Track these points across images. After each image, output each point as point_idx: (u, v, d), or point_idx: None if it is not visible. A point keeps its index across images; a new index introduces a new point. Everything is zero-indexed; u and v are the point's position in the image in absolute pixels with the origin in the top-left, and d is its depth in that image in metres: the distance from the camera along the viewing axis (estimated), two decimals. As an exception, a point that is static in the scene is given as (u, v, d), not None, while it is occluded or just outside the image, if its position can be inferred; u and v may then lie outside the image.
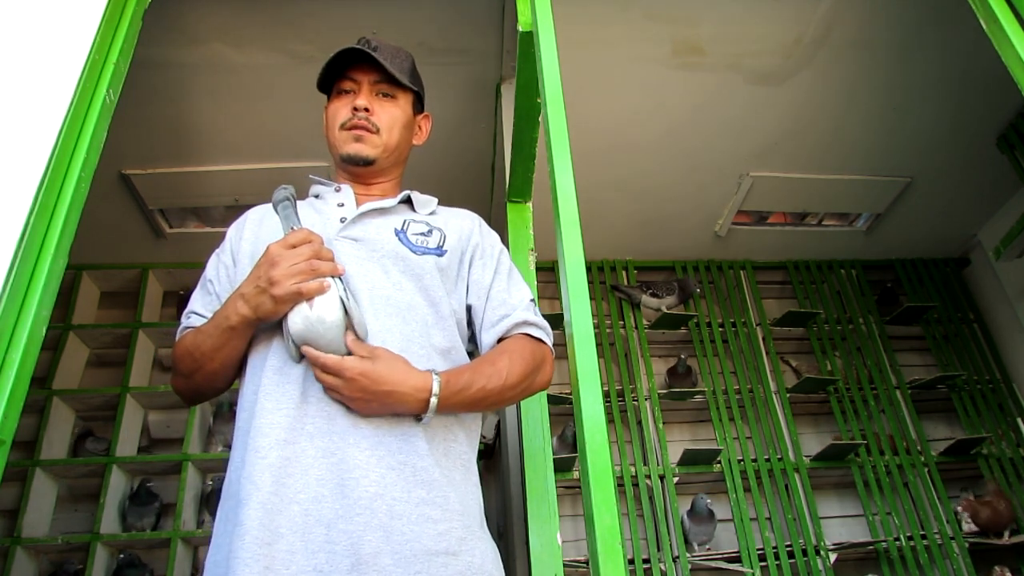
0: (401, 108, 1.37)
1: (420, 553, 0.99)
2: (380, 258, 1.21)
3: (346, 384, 1.04)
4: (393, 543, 0.98)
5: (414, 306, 1.18)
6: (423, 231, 1.28)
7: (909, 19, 2.40)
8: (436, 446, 1.09)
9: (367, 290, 1.16)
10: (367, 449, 1.03)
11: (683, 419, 3.24)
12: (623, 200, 3.10)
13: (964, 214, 3.37)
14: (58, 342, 2.98)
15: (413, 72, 1.42)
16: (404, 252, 1.22)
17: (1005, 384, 3.32)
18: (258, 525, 0.97)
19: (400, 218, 1.29)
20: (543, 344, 1.25)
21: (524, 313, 1.24)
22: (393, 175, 1.39)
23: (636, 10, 2.30)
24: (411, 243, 1.24)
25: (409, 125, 1.39)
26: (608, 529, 0.88)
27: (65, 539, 2.65)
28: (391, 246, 1.22)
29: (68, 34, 1.35)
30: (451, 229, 1.31)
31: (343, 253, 1.19)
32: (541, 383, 1.23)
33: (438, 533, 1.01)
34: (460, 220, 1.35)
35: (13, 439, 1.03)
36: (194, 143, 2.67)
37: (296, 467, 1.02)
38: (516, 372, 1.16)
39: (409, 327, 1.15)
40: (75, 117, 1.27)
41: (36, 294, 1.10)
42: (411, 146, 1.43)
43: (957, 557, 2.85)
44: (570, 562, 2.65)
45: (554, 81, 1.30)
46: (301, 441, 1.04)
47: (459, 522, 1.04)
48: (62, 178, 1.22)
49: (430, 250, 1.25)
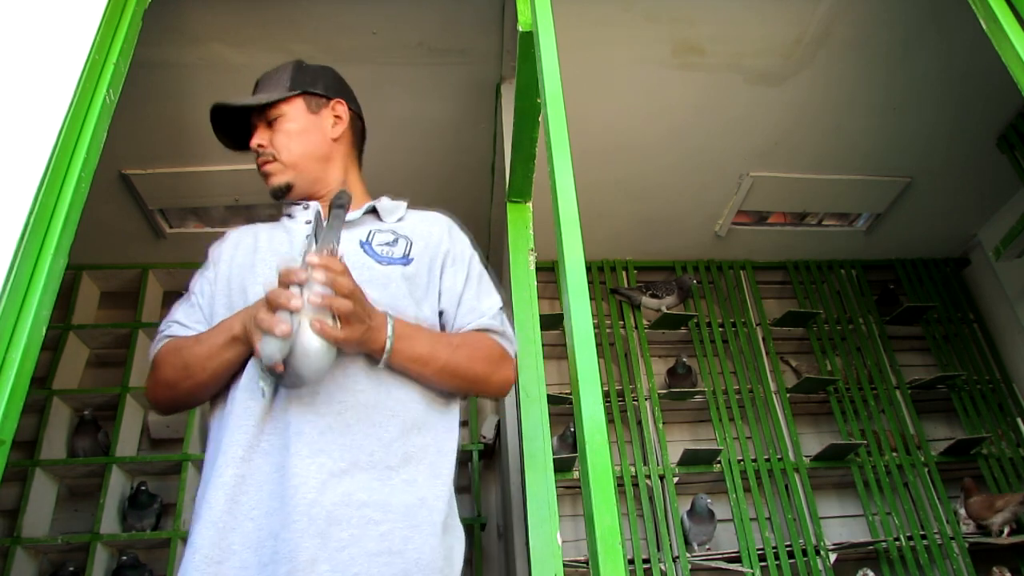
0: (291, 119, 1.34)
1: (359, 556, 0.99)
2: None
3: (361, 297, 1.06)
4: (330, 549, 0.98)
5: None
6: (388, 240, 1.27)
7: (909, 19, 2.40)
8: (388, 453, 1.08)
9: None
10: (307, 457, 1.03)
11: (683, 419, 3.24)
12: (623, 200, 3.10)
13: (964, 214, 3.37)
14: (58, 342, 2.98)
15: (295, 76, 1.38)
16: (369, 263, 1.22)
17: (1005, 384, 3.32)
18: (209, 544, 0.99)
19: (366, 229, 1.29)
20: (505, 348, 1.26)
21: (491, 321, 1.26)
22: (331, 182, 1.35)
23: (636, 10, 2.30)
24: (376, 254, 1.24)
25: (307, 129, 1.34)
26: (608, 529, 0.88)
27: (65, 539, 2.65)
28: (356, 259, 1.21)
29: (68, 34, 1.34)
30: (419, 235, 1.30)
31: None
32: (499, 382, 1.23)
33: (380, 534, 1.01)
34: (429, 225, 1.33)
35: (13, 439, 1.03)
36: (194, 143, 2.67)
37: (251, 484, 1.04)
38: (466, 355, 1.18)
39: None
40: (75, 117, 1.27)
41: (36, 294, 1.10)
42: (330, 141, 1.36)
43: (957, 557, 2.85)
44: (570, 562, 2.65)
45: (554, 81, 1.30)
46: (256, 458, 1.05)
47: (404, 521, 1.04)
48: (62, 178, 1.22)
49: (395, 260, 1.24)
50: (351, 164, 1.40)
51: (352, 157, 1.41)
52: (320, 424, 1.06)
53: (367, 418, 1.09)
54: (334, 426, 1.06)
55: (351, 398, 1.10)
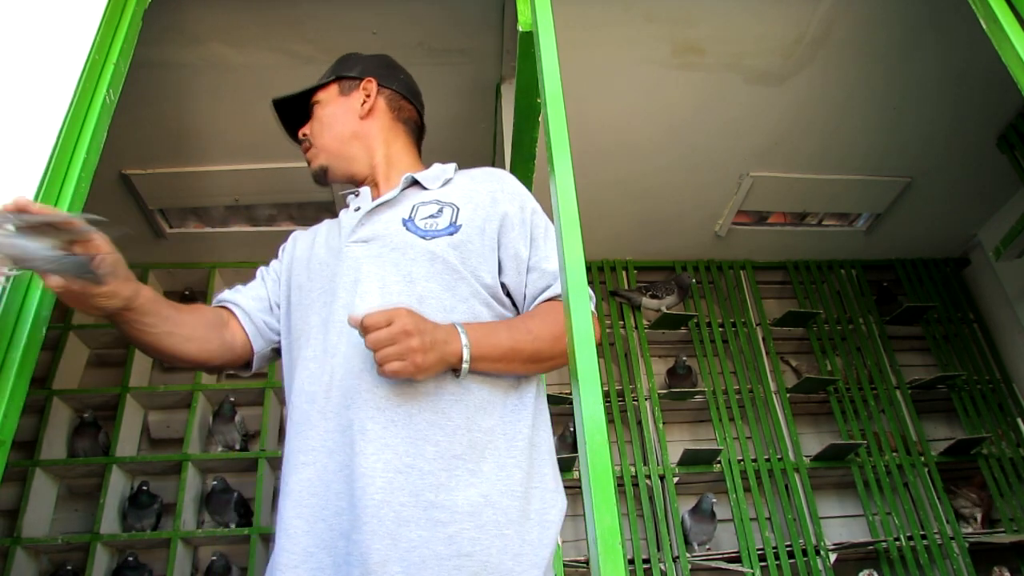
0: (325, 104, 1.38)
1: (430, 558, 0.97)
2: (390, 252, 1.17)
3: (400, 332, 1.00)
4: (400, 550, 0.97)
5: (427, 296, 1.13)
6: (432, 212, 1.22)
7: (909, 19, 2.40)
8: (453, 441, 1.05)
9: (379, 289, 1.14)
10: (372, 455, 1.02)
11: (683, 419, 3.24)
12: (623, 200, 3.10)
13: (964, 214, 3.37)
14: (58, 342, 2.98)
15: (336, 65, 1.45)
16: (412, 240, 1.17)
17: (1005, 384, 3.32)
18: (287, 549, 1.02)
19: (409, 204, 1.24)
20: None
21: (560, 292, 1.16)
22: (370, 159, 1.34)
23: (636, 10, 2.30)
24: (419, 229, 1.19)
25: (337, 112, 1.37)
26: (608, 529, 0.88)
27: (65, 539, 2.65)
28: (400, 238, 1.18)
29: (68, 34, 1.35)
30: (467, 199, 1.24)
31: (353, 258, 1.18)
32: None
33: (448, 536, 0.99)
34: (479, 184, 1.27)
35: (13, 439, 1.03)
36: (194, 143, 2.67)
37: (318, 485, 1.04)
38: (548, 332, 1.12)
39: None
40: (75, 117, 1.27)
41: (36, 293, 1.10)
42: (358, 120, 1.36)
43: (957, 557, 2.85)
44: (570, 562, 2.65)
45: (554, 81, 1.30)
46: (321, 459, 1.05)
47: (470, 522, 1.00)
48: (62, 178, 1.22)
49: (440, 232, 1.18)
50: (393, 138, 1.37)
51: (394, 131, 1.38)
52: (382, 419, 1.04)
53: (430, 406, 1.06)
54: (396, 420, 1.04)
55: (411, 387, 1.06)
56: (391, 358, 1.00)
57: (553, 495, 1.10)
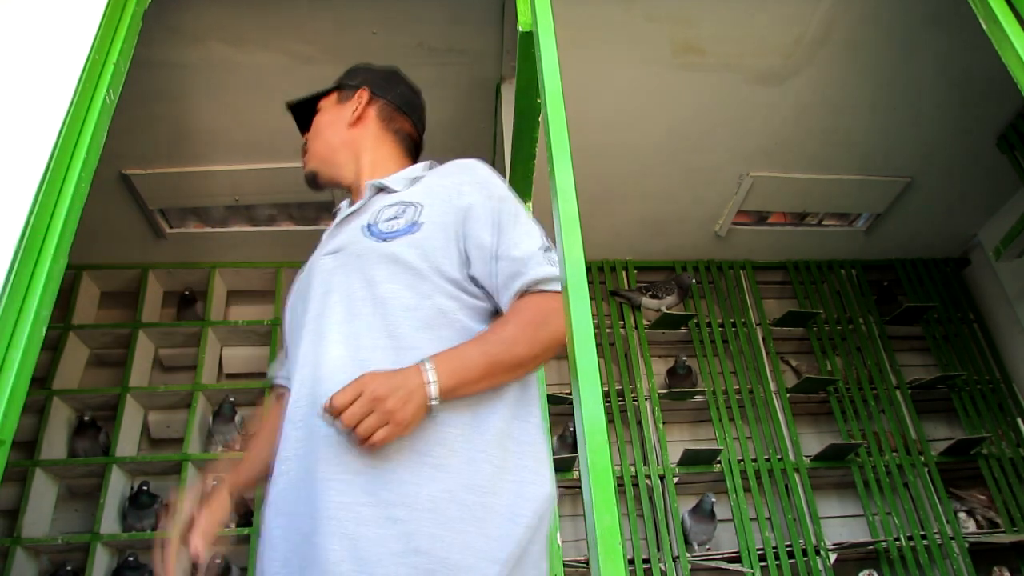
0: (322, 112, 1.43)
1: (384, 556, 0.97)
2: (355, 260, 1.19)
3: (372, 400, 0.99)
4: (357, 549, 0.97)
5: (389, 297, 1.13)
6: (394, 214, 1.22)
7: (909, 19, 2.40)
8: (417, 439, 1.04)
9: (344, 300, 1.15)
10: (332, 458, 1.02)
11: (683, 419, 3.24)
12: (623, 200, 3.10)
13: (964, 214, 3.37)
14: (58, 342, 2.98)
15: (342, 75, 1.48)
16: (372, 244, 1.18)
17: (1005, 384, 3.32)
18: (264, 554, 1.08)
19: (375, 209, 1.25)
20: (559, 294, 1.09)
21: (535, 269, 1.14)
22: (351, 171, 1.37)
23: (636, 10, 2.30)
24: (380, 232, 1.20)
25: (331, 120, 1.41)
26: (608, 529, 0.88)
27: (65, 539, 2.65)
28: (362, 244, 1.19)
29: (68, 34, 1.34)
30: (433, 196, 1.24)
31: (323, 271, 1.21)
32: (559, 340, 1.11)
33: (404, 533, 0.98)
34: (446, 180, 1.27)
35: (13, 439, 1.03)
36: (194, 143, 2.67)
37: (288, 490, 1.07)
38: (524, 335, 1.09)
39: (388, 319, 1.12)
40: (75, 117, 1.27)
41: (36, 294, 1.10)
42: (348, 128, 1.39)
43: (957, 557, 2.85)
44: (570, 562, 2.65)
45: (554, 81, 1.30)
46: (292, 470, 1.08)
47: (429, 518, 0.99)
48: (62, 178, 1.22)
49: (399, 232, 1.18)
50: (379, 146, 1.39)
51: (382, 140, 1.40)
52: None
53: None
54: None
55: None
56: (373, 428, 0.98)
57: (532, 488, 1.08)
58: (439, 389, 1.02)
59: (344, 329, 1.13)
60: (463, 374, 1.05)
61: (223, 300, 3.32)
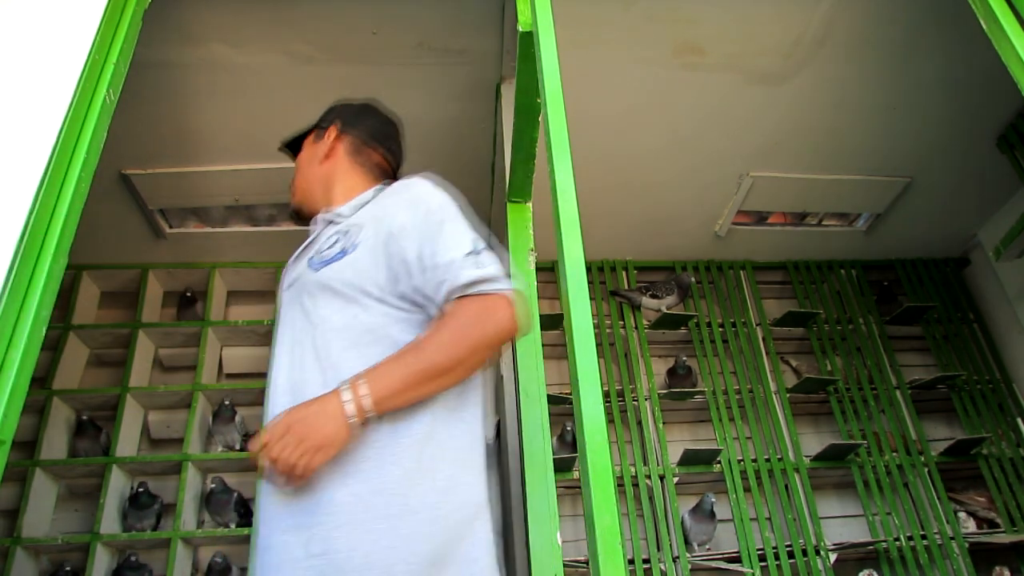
0: (303, 151, 1.53)
1: (285, 562, 1.05)
2: (298, 292, 1.28)
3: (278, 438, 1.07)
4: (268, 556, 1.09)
5: (320, 323, 1.21)
6: (332, 243, 1.30)
7: (909, 19, 2.40)
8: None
9: (290, 331, 1.26)
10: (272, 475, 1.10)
11: (683, 419, 3.24)
12: (623, 200, 3.10)
13: (964, 214, 3.37)
14: (58, 342, 2.98)
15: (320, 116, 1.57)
16: (309, 275, 1.27)
17: (1005, 384, 3.32)
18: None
19: (321, 241, 1.34)
20: (486, 296, 1.14)
21: (458, 273, 1.15)
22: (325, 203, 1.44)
23: (636, 10, 2.30)
24: (316, 263, 1.28)
25: (307, 158, 1.51)
26: (608, 529, 0.88)
27: (65, 539, 2.65)
28: (304, 277, 1.29)
29: (68, 34, 1.35)
30: (370, 218, 1.29)
31: (281, 306, 1.32)
32: (497, 332, 1.13)
33: (305, 540, 1.05)
34: (386, 199, 1.32)
35: (13, 439, 1.03)
36: (194, 143, 2.67)
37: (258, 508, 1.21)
38: (449, 342, 1.11)
39: (319, 344, 1.19)
40: (75, 117, 1.27)
41: (36, 294, 1.10)
42: (319, 163, 1.47)
43: (957, 557, 2.85)
44: (570, 562, 2.65)
45: (554, 81, 1.30)
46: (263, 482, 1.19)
47: (331, 522, 1.05)
48: (62, 178, 1.22)
49: (330, 259, 1.26)
50: (346, 177, 1.46)
51: (350, 172, 1.47)
52: None
53: None
54: None
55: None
56: (288, 459, 1.05)
57: (450, 490, 1.11)
58: (356, 407, 1.07)
59: (287, 359, 1.23)
60: (383, 389, 1.09)
61: (223, 300, 3.32)
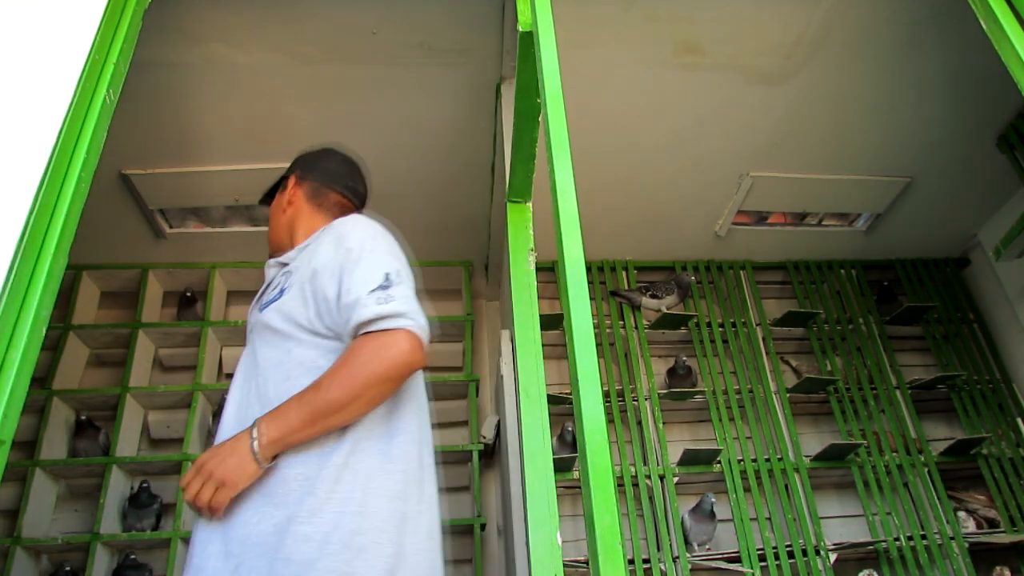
0: (272, 204, 1.66)
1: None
2: (252, 335, 1.40)
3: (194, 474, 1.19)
4: None
5: (262, 361, 1.31)
6: (275, 285, 1.41)
7: (909, 19, 2.40)
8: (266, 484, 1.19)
9: (241, 371, 1.36)
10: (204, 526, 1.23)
11: (683, 419, 3.24)
12: (623, 200, 3.10)
13: (964, 214, 3.37)
14: (58, 342, 2.98)
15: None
16: (259, 317, 1.36)
17: (1005, 384, 3.32)
18: None
19: (272, 284, 1.44)
20: (385, 332, 1.19)
21: (361, 311, 1.21)
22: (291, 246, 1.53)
23: (636, 10, 2.30)
24: (263, 304, 1.38)
25: (275, 209, 1.64)
26: (608, 529, 0.88)
27: (65, 539, 2.65)
28: (255, 319, 1.39)
29: (68, 34, 1.35)
30: (304, 260, 1.39)
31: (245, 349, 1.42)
32: (393, 366, 1.19)
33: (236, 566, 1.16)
34: (315, 241, 1.41)
35: (13, 439, 1.03)
36: (194, 143, 2.67)
37: None
38: (344, 383, 1.18)
39: (259, 380, 1.29)
40: (75, 117, 1.27)
41: (36, 294, 1.10)
42: (282, 212, 1.59)
43: (957, 557, 2.85)
44: (570, 562, 2.65)
45: (554, 81, 1.30)
46: None
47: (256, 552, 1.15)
48: (62, 178, 1.22)
49: (269, 301, 1.36)
50: (305, 221, 1.56)
51: (312, 216, 1.57)
52: None
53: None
54: None
55: None
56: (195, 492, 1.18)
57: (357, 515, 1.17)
58: (260, 444, 1.17)
59: (237, 396, 1.32)
60: (283, 427, 1.18)
61: (223, 300, 3.32)
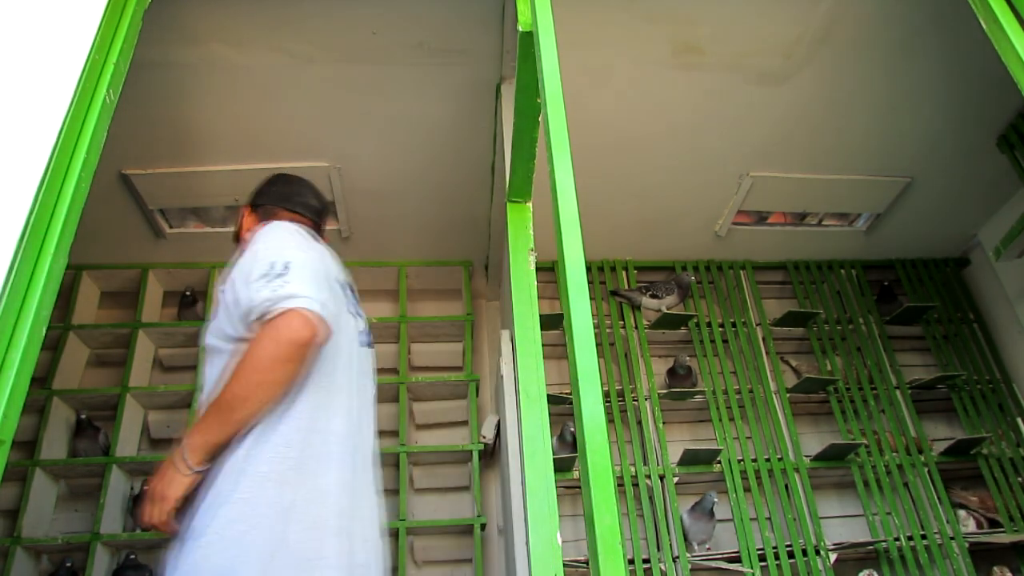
0: None
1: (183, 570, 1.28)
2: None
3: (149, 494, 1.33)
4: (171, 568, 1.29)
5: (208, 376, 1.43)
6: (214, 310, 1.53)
7: (909, 19, 2.40)
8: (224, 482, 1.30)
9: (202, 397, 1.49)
10: None
11: (683, 419, 3.24)
12: (623, 200, 3.10)
13: (964, 214, 3.37)
14: (58, 342, 2.98)
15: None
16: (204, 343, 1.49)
17: (1005, 384, 3.32)
18: None
19: None
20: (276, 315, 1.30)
21: (252, 303, 1.33)
22: None
23: (636, 10, 2.30)
24: (206, 330, 1.50)
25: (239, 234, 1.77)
26: (608, 529, 0.88)
27: (65, 539, 2.65)
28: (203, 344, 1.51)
29: (68, 34, 1.35)
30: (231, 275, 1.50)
31: None
32: (289, 345, 1.29)
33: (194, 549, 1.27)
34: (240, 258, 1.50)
35: (13, 439, 1.03)
36: (194, 143, 2.67)
37: None
38: (243, 373, 1.29)
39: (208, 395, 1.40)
40: (75, 117, 1.27)
41: (36, 294, 1.10)
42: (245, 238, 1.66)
43: (957, 557, 2.85)
44: (570, 562, 2.65)
45: (554, 81, 1.30)
46: None
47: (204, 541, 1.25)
48: (62, 178, 1.22)
49: (209, 323, 1.48)
50: None
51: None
52: None
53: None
54: None
55: None
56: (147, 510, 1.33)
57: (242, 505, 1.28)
58: (186, 453, 1.30)
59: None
60: (201, 429, 1.31)
61: (223, 300, 3.32)
